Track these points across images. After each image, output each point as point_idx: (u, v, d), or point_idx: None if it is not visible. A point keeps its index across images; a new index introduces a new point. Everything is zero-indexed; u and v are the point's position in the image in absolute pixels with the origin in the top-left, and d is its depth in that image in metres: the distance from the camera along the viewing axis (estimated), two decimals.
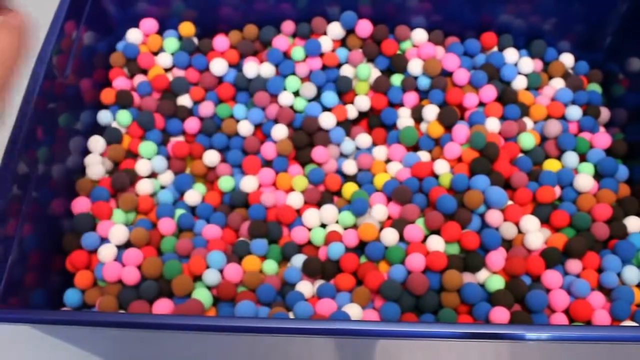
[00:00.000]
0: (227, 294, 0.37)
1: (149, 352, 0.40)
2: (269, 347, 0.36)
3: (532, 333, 0.29)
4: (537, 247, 0.38)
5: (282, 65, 0.46)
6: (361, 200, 0.40)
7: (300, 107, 0.45)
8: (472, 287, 0.36)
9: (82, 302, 0.38)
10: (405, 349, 0.36)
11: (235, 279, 0.38)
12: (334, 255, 0.38)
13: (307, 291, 0.38)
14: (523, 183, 0.41)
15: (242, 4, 0.47)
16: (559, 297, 0.36)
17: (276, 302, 0.38)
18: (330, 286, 0.38)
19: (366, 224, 0.39)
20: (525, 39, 0.48)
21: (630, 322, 0.36)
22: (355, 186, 0.42)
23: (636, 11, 0.44)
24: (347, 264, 0.38)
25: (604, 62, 0.48)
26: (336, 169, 0.44)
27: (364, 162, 0.43)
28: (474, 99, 0.44)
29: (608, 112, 0.46)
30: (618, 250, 0.38)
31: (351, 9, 0.47)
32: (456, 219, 0.39)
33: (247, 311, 0.36)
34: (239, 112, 0.45)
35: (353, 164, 0.44)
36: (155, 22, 0.48)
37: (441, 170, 0.41)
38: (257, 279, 0.38)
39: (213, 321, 0.30)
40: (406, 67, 0.46)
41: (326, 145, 0.44)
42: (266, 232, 0.40)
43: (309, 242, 0.40)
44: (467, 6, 0.46)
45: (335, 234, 0.39)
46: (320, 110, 0.45)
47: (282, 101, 0.45)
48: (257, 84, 0.45)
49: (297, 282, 0.38)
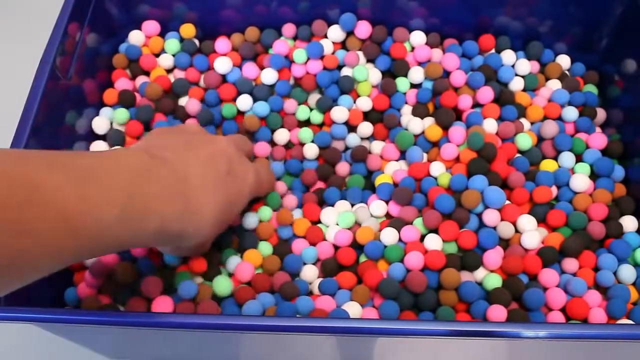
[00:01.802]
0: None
1: (150, 349, 0.41)
2: (268, 345, 0.37)
3: (529, 331, 0.29)
4: (534, 246, 0.39)
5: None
6: (356, 189, 0.41)
7: (317, 120, 0.46)
8: (470, 285, 0.37)
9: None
10: (404, 347, 0.36)
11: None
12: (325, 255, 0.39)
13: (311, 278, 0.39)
14: (520, 183, 0.41)
15: (243, 7, 0.48)
16: (555, 296, 0.37)
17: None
18: (333, 281, 0.38)
19: (364, 227, 0.39)
20: (522, 41, 0.49)
21: (626, 320, 0.36)
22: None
23: (632, 13, 0.45)
24: (345, 258, 0.38)
25: (600, 64, 0.48)
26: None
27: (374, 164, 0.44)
28: (471, 100, 0.45)
29: (604, 113, 0.47)
30: (614, 249, 0.39)
31: (350, 12, 0.47)
32: (454, 218, 0.39)
33: (254, 311, 0.36)
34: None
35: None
36: (157, 24, 0.48)
37: (438, 172, 0.42)
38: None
39: (213, 319, 0.30)
40: (408, 71, 0.47)
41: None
42: None
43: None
44: (465, 8, 0.47)
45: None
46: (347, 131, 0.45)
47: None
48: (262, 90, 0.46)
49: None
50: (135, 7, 0.48)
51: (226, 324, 0.30)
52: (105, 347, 0.42)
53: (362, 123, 0.45)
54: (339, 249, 0.39)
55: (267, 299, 0.37)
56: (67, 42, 0.40)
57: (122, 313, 0.34)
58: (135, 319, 0.30)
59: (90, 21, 0.44)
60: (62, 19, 0.40)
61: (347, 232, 0.40)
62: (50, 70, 0.38)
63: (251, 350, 0.39)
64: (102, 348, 0.42)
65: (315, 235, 0.40)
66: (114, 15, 0.47)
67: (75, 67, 0.42)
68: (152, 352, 0.41)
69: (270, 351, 0.38)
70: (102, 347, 0.42)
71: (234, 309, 0.37)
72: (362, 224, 0.40)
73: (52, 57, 0.39)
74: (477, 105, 0.46)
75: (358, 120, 0.45)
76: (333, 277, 0.38)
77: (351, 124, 0.45)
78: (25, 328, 0.43)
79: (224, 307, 0.37)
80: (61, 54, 0.40)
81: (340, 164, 0.44)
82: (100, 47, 0.46)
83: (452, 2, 0.46)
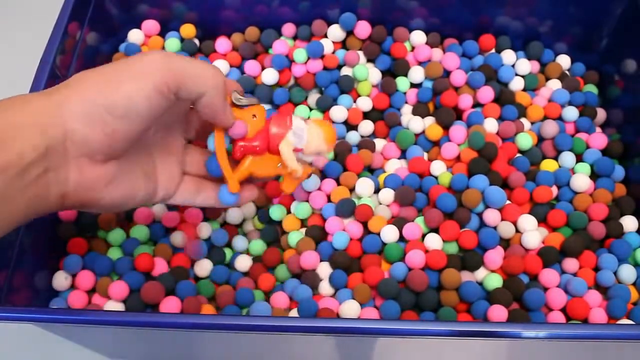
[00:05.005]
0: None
1: (150, 349, 0.41)
2: (269, 345, 0.37)
3: (530, 331, 0.29)
4: (535, 246, 0.39)
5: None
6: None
7: None
8: (471, 285, 0.37)
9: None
10: (404, 347, 0.36)
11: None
12: (339, 245, 0.39)
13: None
14: (520, 183, 0.41)
15: (243, 7, 0.48)
16: (556, 296, 0.37)
17: None
18: (343, 274, 0.38)
19: (376, 217, 0.39)
20: (522, 41, 0.49)
21: (626, 320, 0.36)
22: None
23: (632, 13, 0.45)
24: (354, 252, 0.39)
25: (600, 64, 0.48)
26: None
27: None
28: (471, 99, 0.45)
29: (604, 113, 0.47)
30: (614, 249, 0.39)
31: (350, 11, 0.47)
32: (455, 218, 0.39)
33: (263, 311, 0.36)
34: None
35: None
36: (157, 23, 0.48)
37: (438, 171, 0.42)
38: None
39: (213, 320, 0.30)
40: (408, 70, 0.47)
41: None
42: None
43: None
44: (465, 8, 0.47)
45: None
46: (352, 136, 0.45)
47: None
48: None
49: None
50: (135, 7, 0.48)
51: (226, 324, 0.30)
52: (105, 347, 0.42)
53: (363, 121, 0.45)
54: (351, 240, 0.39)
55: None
56: (67, 41, 0.40)
57: (122, 313, 0.34)
58: (135, 319, 0.30)
59: (90, 20, 0.44)
60: (62, 18, 0.40)
61: (358, 223, 0.40)
62: (50, 70, 0.38)
63: (251, 350, 0.39)
64: (101, 348, 0.42)
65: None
66: (114, 15, 0.47)
67: (75, 66, 0.42)
68: (152, 352, 0.41)
69: (270, 351, 0.38)
70: (101, 347, 0.42)
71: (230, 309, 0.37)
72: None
73: (52, 56, 0.39)
74: (477, 105, 0.46)
75: (358, 120, 0.45)
76: (344, 271, 0.38)
77: (351, 123, 0.45)
78: (25, 328, 0.43)
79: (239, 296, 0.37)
80: (61, 53, 0.40)
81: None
82: (100, 46, 0.46)
83: (452, 2, 0.46)
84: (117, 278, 0.38)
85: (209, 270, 0.39)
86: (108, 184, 0.28)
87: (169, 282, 0.37)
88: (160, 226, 0.40)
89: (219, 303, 0.37)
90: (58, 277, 0.38)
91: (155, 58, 0.27)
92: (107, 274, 0.38)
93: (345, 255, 0.38)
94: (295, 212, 0.41)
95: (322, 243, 0.39)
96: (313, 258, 0.38)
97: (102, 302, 0.37)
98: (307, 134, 0.33)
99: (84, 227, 0.40)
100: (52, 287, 0.38)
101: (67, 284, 0.38)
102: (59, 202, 0.27)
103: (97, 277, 0.38)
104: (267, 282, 0.38)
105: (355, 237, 0.39)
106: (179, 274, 0.38)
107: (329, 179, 0.42)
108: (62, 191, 0.27)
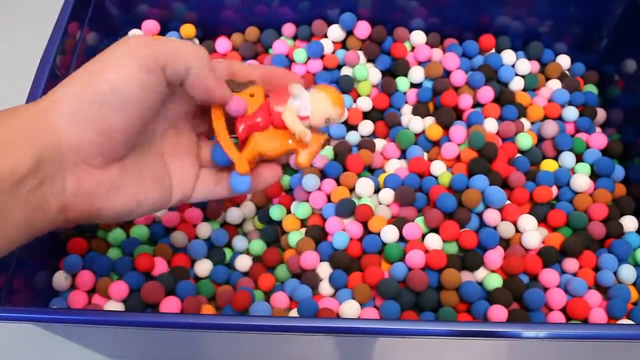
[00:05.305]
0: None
1: (150, 349, 0.41)
2: (269, 345, 0.37)
3: (530, 331, 0.29)
4: (535, 246, 0.39)
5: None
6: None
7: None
8: (471, 285, 0.37)
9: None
10: (404, 347, 0.36)
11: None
12: (339, 245, 0.39)
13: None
14: (520, 183, 0.41)
15: (243, 7, 0.48)
16: (556, 296, 0.37)
17: None
18: (343, 274, 0.38)
19: (376, 217, 0.39)
20: (522, 41, 0.49)
21: (626, 321, 0.36)
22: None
23: (632, 13, 0.45)
24: (354, 252, 0.39)
25: (600, 64, 0.48)
26: None
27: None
28: (471, 99, 0.45)
29: (604, 113, 0.47)
30: (614, 249, 0.39)
31: (350, 11, 0.47)
32: (455, 218, 0.39)
33: (263, 311, 0.36)
34: None
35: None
36: (157, 23, 0.48)
37: (438, 171, 0.42)
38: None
39: (213, 320, 0.30)
40: (408, 70, 0.47)
41: None
42: None
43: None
44: (465, 9, 0.47)
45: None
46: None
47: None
48: None
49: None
50: (135, 7, 0.48)
51: (226, 324, 0.30)
52: (105, 347, 0.42)
53: (363, 121, 0.45)
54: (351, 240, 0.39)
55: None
56: (67, 41, 0.40)
57: (122, 313, 0.34)
58: (135, 319, 0.30)
59: (90, 20, 0.44)
60: (62, 18, 0.40)
61: (358, 223, 0.40)
62: (50, 70, 0.38)
63: (251, 350, 0.39)
64: (101, 348, 0.42)
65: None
66: (114, 15, 0.47)
67: (75, 66, 0.42)
68: (152, 352, 0.41)
69: (270, 351, 0.38)
70: (101, 347, 0.42)
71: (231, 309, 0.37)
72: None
73: (52, 56, 0.39)
74: (477, 105, 0.46)
75: (357, 120, 0.45)
76: (343, 271, 0.38)
77: (351, 123, 0.45)
78: (25, 328, 0.43)
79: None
80: (61, 53, 0.40)
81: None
82: (100, 46, 0.46)
83: (452, 2, 0.47)
84: (117, 278, 0.38)
85: (209, 270, 0.39)
86: (109, 191, 0.27)
87: (169, 282, 0.37)
88: (160, 226, 0.40)
89: (219, 303, 0.37)
90: (58, 277, 0.38)
91: (134, 40, 0.27)
92: (107, 274, 0.38)
93: (345, 255, 0.38)
94: (295, 212, 0.41)
95: (322, 243, 0.39)
96: (313, 258, 0.38)
97: (102, 302, 0.37)
98: (311, 102, 0.30)
99: (84, 227, 0.40)
100: (52, 287, 0.38)
101: (67, 284, 0.38)
102: (60, 215, 0.26)
103: (97, 277, 0.38)
104: (267, 282, 0.38)
105: (355, 237, 0.39)
106: (179, 274, 0.38)
107: (329, 179, 0.42)
108: (61, 202, 0.26)
